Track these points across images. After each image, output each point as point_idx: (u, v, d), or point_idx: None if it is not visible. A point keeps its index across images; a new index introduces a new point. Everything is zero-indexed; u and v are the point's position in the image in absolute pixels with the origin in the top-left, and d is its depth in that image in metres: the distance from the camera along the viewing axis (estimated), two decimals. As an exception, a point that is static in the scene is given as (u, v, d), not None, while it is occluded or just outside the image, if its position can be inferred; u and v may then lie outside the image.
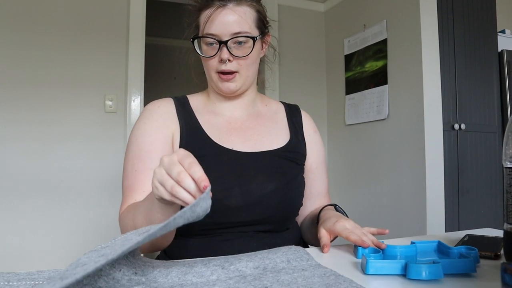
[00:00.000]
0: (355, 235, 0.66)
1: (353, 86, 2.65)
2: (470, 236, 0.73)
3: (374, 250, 0.63)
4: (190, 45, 0.89)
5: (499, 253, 0.63)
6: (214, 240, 0.79)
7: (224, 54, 0.80)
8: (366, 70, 2.52)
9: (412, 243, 0.66)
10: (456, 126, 2.15)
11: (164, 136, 0.83)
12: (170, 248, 0.80)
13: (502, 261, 0.61)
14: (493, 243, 0.68)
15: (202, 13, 0.82)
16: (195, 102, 0.91)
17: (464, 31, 2.24)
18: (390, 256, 0.64)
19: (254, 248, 0.70)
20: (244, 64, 0.83)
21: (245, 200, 0.79)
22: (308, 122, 0.98)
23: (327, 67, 3.01)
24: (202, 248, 0.79)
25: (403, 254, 0.64)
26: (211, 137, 0.84)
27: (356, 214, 2.54)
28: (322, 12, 3.05)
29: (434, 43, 2.10)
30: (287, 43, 2.86)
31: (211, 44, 0.81)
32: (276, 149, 0.87)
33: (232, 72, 0.83)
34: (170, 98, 0.90)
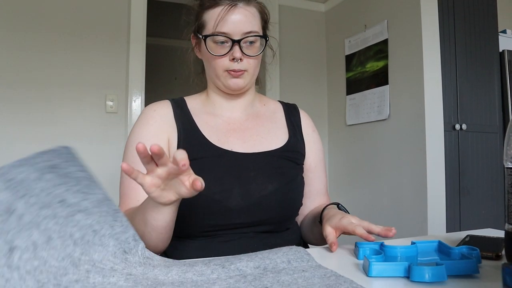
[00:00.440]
0: (361, 229, 0.67)
1: (354, 86, 2.65)
2: (471, 237, 0.73)
3: (376, 251, 0.63)
4: (189, 44, 0.89)
5: (500, 253, 0.62)
6: (215, 241, 0.79)
7: (237, 53, 0.80)
8: (367, 70, 2.52)
9: (413, 243, 0.66)
10: (457, 127, 2.14)
11: (160, 140, 0.83)
12: (171, 250, 0.80)
13: (503, 261, 0.61)
14: (494, 243, 0.68)
15: (208, 11, 0.82)
16: (193, 103, 0.91)
17: (465, 31, 2.23)
18: (391, 256, 0.63)
19: (255, 248, 0.70)
20: (253, 63, 0.84)
21: (245, 201, 0.79)
22: (306, 121, 0.98)
23: (328, 67, 3.01)
24: (202, 250, 0.79)
25: (404, 254, 0.64)
26: (209, 138, 0.84)
27: (356, 214, 2.50)
28: (322, 12, 3.05)
29: (435, 43, 2.10)
30: (287, 43, 2.86)
31: (221, 42, 0.81)
32: (275, 149, 0.87)
33: (241, 71, 0.83)
34: (168, 100, 0.90)
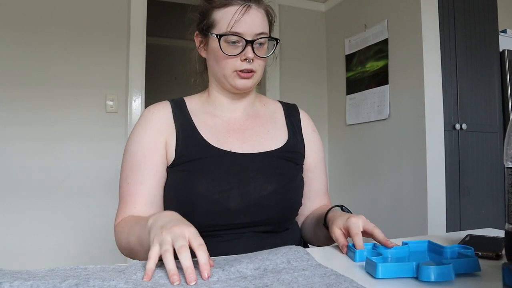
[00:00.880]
0: (381, 233, 0.67)
1: (354, 86, 2.65)
2: (471, 236, 0.73)
3: (374, 253, 0.63)
4: (190, 43, 0.88)
5: (501, 253, 0.63)
6: (214, 242, 0.79)
7: (250, 53, 0.81)
8: (367, 70, 2.52)
9: (404, 243, 0.66)
10: (457, 126, 2.14)
11: (157, 144, 0.83)
12: (171, 251, 0.80)
13: (503, 261, 0.60)
14: (494, 243, 0.68)
15: (220, 10, 0.82)
16: (193, 104, 0.91)
17: (465, 31, 2.23)
18: (385, 257, 0.63)
19: (254, 248, 0.70)
20: (262, 64, 0.85)
21: (244, 202, 0.79)
22: (306, 121, 0.98)
23: (328, 67, 3.00)
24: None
25: (394, 255, 0.64)
26: (208, 139, 0.84)
27: (356, 214, 2.53)
28: (323, 12, 3.05)
29: (435, 43, 2.10)
30: (287, 43, 2.86)
31: (233, 42, 0.81)
32: (275, 149, 0.87)
33: (251, 72, 0.83)
34: (167, 101, 0.90)
